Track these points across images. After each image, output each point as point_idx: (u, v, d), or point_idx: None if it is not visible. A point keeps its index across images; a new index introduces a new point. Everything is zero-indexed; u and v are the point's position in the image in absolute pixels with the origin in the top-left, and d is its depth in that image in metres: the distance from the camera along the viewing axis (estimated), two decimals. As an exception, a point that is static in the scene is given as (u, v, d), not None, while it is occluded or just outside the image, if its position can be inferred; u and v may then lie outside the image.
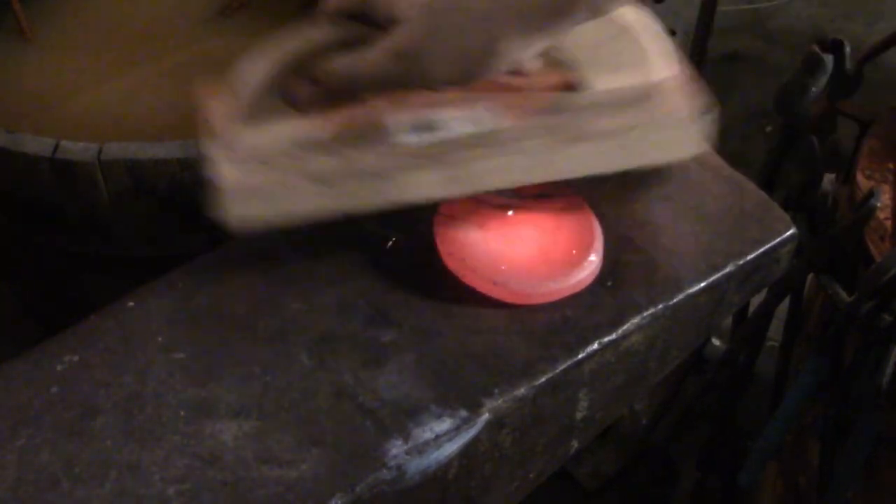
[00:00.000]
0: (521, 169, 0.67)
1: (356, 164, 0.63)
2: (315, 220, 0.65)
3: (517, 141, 0.65)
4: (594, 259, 0.71)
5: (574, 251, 0.71)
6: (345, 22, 0.63)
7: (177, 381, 0.63)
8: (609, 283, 0.71)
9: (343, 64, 0.61)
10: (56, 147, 0.91)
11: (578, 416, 0.71)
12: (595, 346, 0.68)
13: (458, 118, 0.65)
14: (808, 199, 1.03)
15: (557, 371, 0.66)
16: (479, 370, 0.65)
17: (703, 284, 0.73)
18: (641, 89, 0.68)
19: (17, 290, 1.35)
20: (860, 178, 1.05)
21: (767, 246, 0.76)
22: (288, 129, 0.63)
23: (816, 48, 1.05)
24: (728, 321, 1.31)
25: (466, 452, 0.63)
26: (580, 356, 0.67)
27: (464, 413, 0.63)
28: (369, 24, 0.61)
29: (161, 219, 0.96)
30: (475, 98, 0.66)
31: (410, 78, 0.61)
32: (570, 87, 0.67)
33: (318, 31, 0.63)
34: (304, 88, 0.63)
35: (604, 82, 0.67)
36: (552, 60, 0.67)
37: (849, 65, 1.07)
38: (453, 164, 0.65)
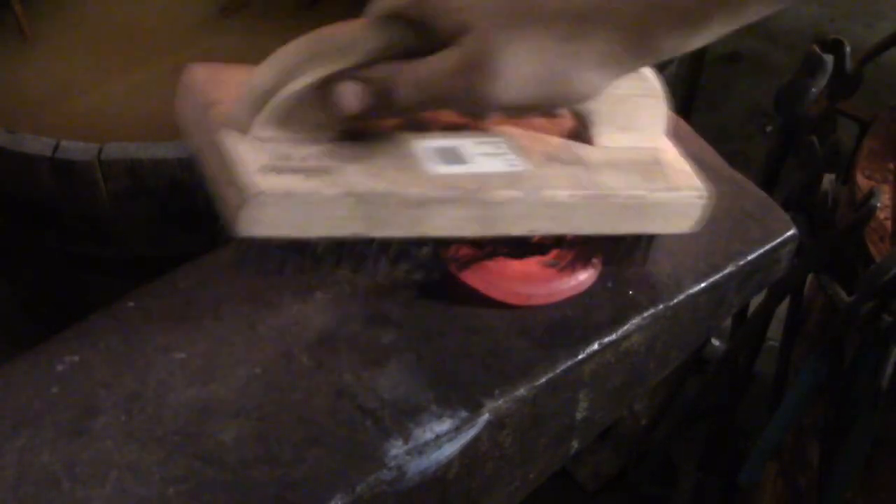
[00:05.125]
0: (543, 218, 0.63)
1: (390, 184, 0.57)
2: (332, 239, 0.59)
3: (539, 189, 0.61)
4: (594, 260, 0.71)
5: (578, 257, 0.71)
6: (398, 26, 0.55)
7: (177, 381, 0.63)
8: (609, 284, 0.71)
9: (402, 73, 0.54)
10: (56, 147, 0.91)
11: (578, 416, 0.71)
12: (595, 346, 0.68)
13: (484, 153, 0.61)
14: (808, 199, 1.03)
15: (557, 371, 0.66)
16: (479, 370, 0.65)
17: (703, 285, 0.73)
18: (651, 157, 0.66)
19: (17, 290, 1.35)
20: (860, 178, 1.05)
21: (767, 246, 0.76)
22: (323, 136, 0.57)
23: (816, 48, 1.05)
24: (728, 321, 1.31)
25: (467, 453, 0.63)
26: (580, 356, 0.67)
27: (464, 413, 0.63)
28: (427, 30, 0.54)
29: (161, 219, 0.97)
30: (495, 131, 0.63)
31: (472, 96, 0.53)
32: (581, 137, 0.65)
33: (369, 33, 0.56)
34: (352, 93, 0.55)
35: (615, 140, 0.65)
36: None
37: (849, 65, 1.07)
38: (483, 204, 0.60)
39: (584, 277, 0.70)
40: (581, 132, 0.65)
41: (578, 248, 0.68)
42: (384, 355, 0.66)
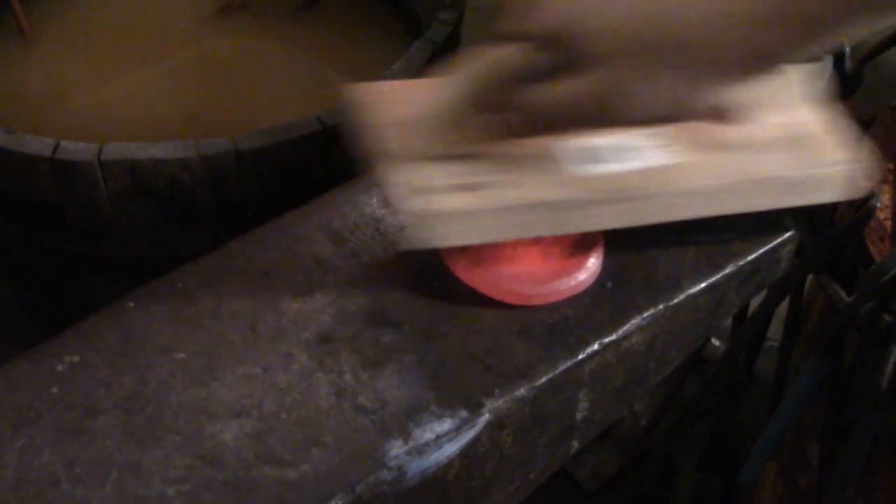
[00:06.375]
0: (685, 207, 0.66)
1: (534, 194, 0.63)
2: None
3: (681, 182, 0.64)
4: (594, 260, 0.71)
5: (574, 252, 0.71)
6: (534, 47, 0.59)
7: (177, 381, 0.63)
8: (609, 284, 0.71)
9: (537, 98, 0.59)
10: (56, 147, 0.91)
11: (578, 416, 0.71)
12: (595, 346, 0.68)
13: (621, 150, 0.64)
14: (808, 200, 1.03)
15: (558, 371, 0.66)
16: (479, 371, 0.65)
17: (703, 285, 0.73)
18: (799, 131, 0.66)
19: (17, 291, 1.35)
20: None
21: (767, 246, 0.76)
22: (478, 152, 0.64)
23: (816, 48, 1.05)
24: (728, 321, 1.31)
25: (467, 453, 0.63)
26: (580, 357, 0.67)
27: (464, 413, 0.63)
28: (559, 51, 0.58)
29: (161, 219, 0.97)
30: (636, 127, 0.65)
31: (604, 117, 0.59)
32: (727, 117, 0.65)
33: (505, 55, 0.60)
34: (496, 117, 0.62)
35: (762, 118, 0.66)
36: None
37: (849, 65, 1.07)
38: (624, 202, 0.64)
39: (584, 277, 0.70)
40: (726, 113, 0.65)
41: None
42: (384, 355, 0.66)
